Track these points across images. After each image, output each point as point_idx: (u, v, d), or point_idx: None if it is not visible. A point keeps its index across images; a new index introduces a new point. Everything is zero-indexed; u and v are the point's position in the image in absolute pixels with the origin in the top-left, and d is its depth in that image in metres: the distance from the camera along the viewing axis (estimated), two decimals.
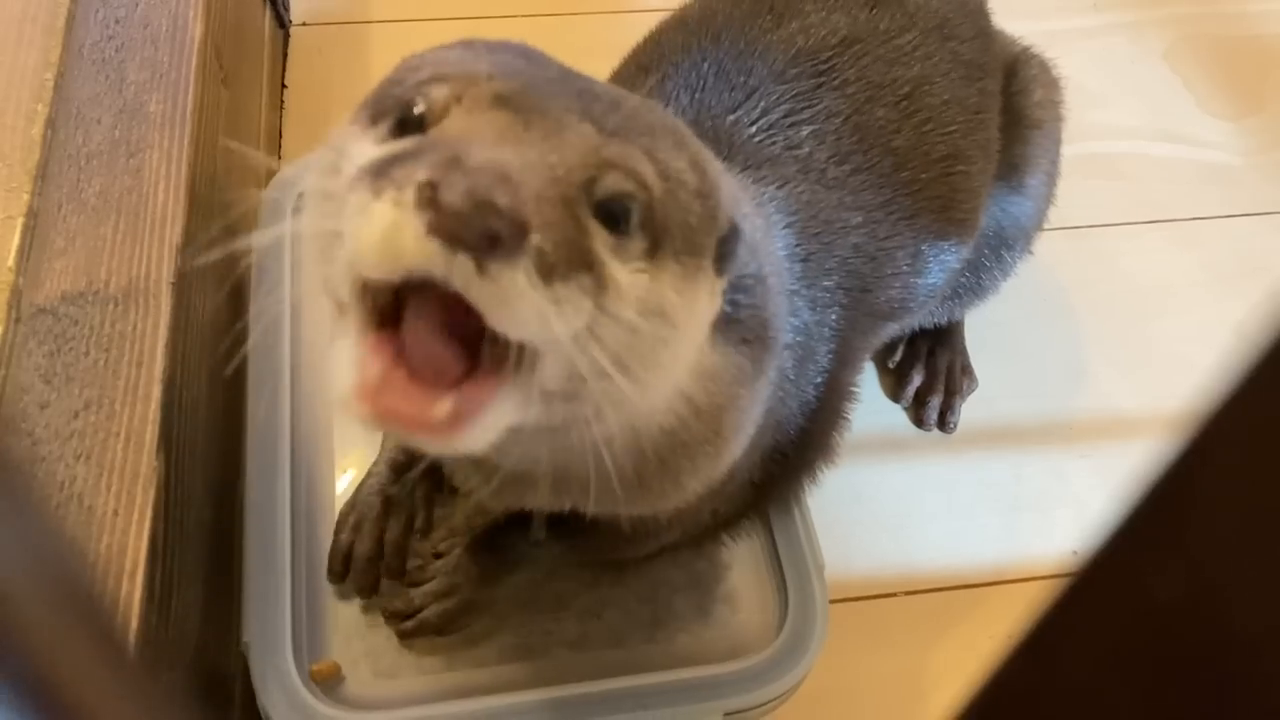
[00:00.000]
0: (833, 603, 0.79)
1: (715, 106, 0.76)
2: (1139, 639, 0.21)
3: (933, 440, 1.06)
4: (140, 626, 0.60)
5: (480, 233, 0.41)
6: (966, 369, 1.08)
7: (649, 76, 0.78)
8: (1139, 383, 1.11)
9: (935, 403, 1.06)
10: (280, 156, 1.18)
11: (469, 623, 0.76)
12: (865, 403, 0.87)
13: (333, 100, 1.23)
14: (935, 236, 0.83)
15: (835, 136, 0.77)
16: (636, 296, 0.48)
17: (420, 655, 0.75)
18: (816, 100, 0.77)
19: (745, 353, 0.62)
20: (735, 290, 0.60)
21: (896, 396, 1.08)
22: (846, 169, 0.77)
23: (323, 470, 0.81)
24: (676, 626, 0.78)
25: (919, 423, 1.07)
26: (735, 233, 0.56)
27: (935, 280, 0.87)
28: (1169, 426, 0.20)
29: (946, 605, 0.96)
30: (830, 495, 0.84)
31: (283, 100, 1.24)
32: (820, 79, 0.78)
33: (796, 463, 0.78)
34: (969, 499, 1.03)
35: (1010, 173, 0.93)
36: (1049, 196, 1.00)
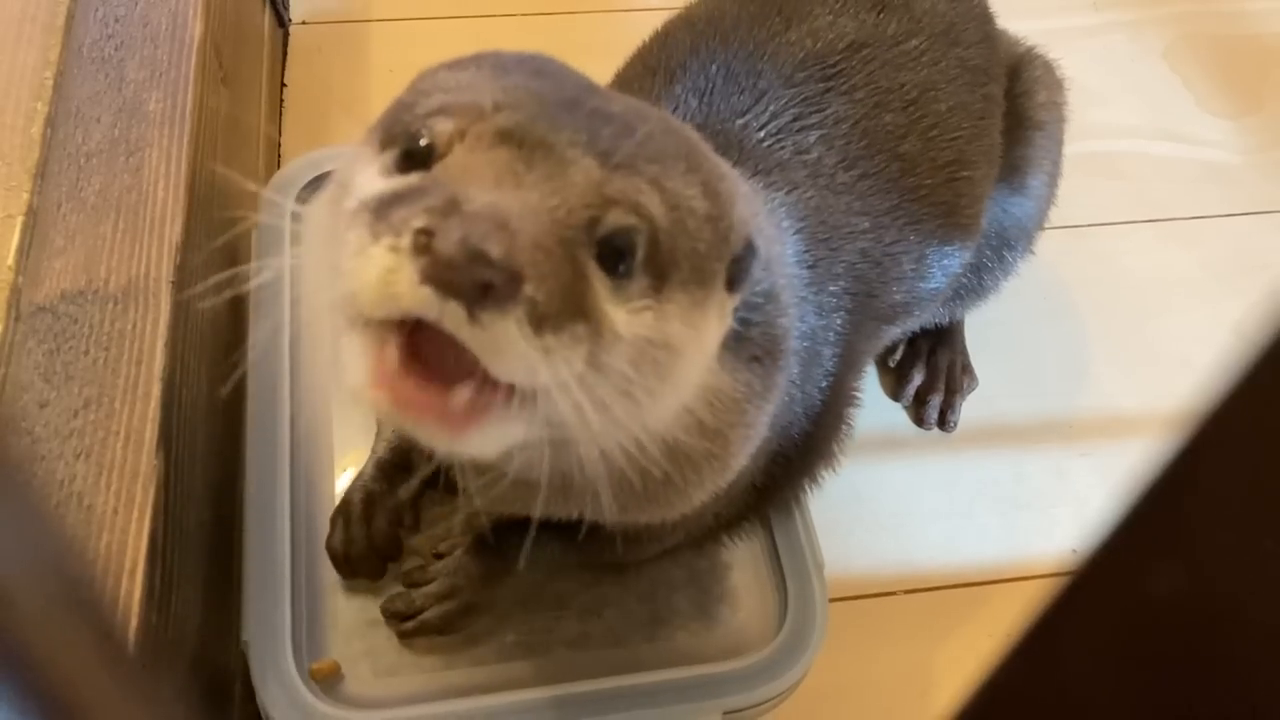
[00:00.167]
0: (832, 601, 0.79)
1: (724, 110, 0.76)
2: (1138, 637, 0.21)
3: (933, 439, 1.06)
4: (140, 625, 0.60)
5: (472, 282, 0.41)
6: (967, 368, 1.08)
7: (656, 78, 0.78)
8: (1139, 381, 1.11)
9: (935, 402, 1.06)
10: (280, 155, 1.18)
11: (470, 624, 0.76)
12: (866, 402, 0.87)
13: (332, 99, 1.23)
14: (939, 241, 0.84)
15: (843, 141, 0.77)
16: (637, 336, 0.48)
17: (420, 654, 0.75)
18: (825, 105, 0.77)
19: (755, 370, 0.62)
20: (747, 308, 0.60)
21: (897, 395, 1.08)
22: (854, 174, 0.78)
23: (322, 469, 0.81)
24: (676, 625, 0.78)
25: (919, 422, 1.07)
26: (750, 251, 0.56)
27: (938, 284, 0.87)
28: (1169, 425, 0.20)
29: (946, 604, 0.96)
30: (830, 494, 0.84)
31: (282, 99, 1.24)
32: (828, 83, 0.78)
33: (799, 466, 0.78)
34: (969, 498, 1.03)
35: (1012, 173, 0.93)
36: (1050, 197, 1.00)
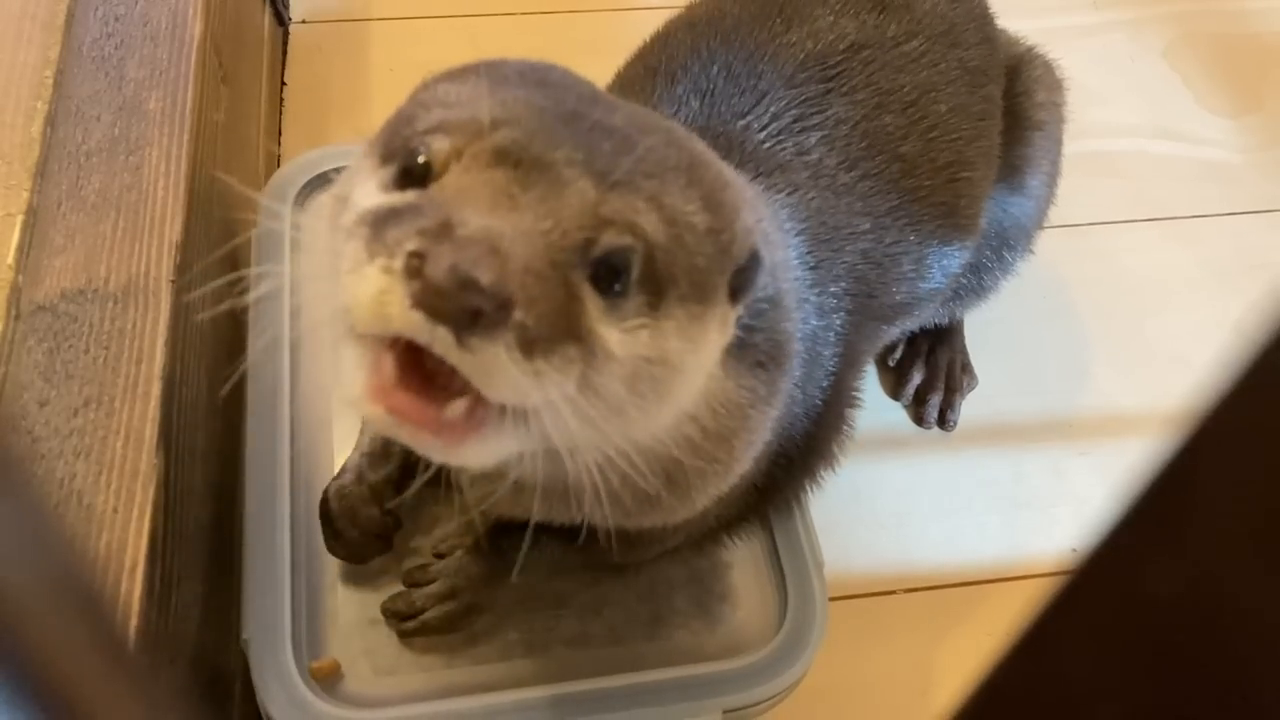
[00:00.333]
0: (832, 600, 0.79)
1: (725, 112, 0.76)
2: (1137, 636, 0.21)
3: (932, 438, 1.06)
4: (140, 624, 0.60)
5: (461, 309, 0.42)
6: (966, 367, 1.08)
7: (657, 79, 0.78)
8: (1138, 380, 1.11)
9: (935, 401, 1.06)
10: (280, 154, 1.18)
11: (470, 623, 0.76)
12: (866, 401, 0.87)
13: (332, 98, 1.23)
14: (939, 242, 0.84)
15: (844, 142, 0.77)
16: (631, 355, 0.49)
17: (420, 653, 0.75)
18: (826, 106, 0.77)
19: (759, 376, 0.62)
20: (751, 314, 0.60)
21: (897, 395, 1.08)
22: (855, 175, 0.78)
23: (322, 468, 0.81)
24: (676, 624, 0.78)
25: (919, 421, 1.07)
26: (755, 261, 0.55)
27: (938, 284, 0.87)
28: (1168, 424, 0.20)
29: (946, 603, 0.96)
30: (830, 493, 0.84)
31: (282, 98, 1.24)
32: (829, 84, 0.78)
33: (800, 466, 0.78)
34: (969, 496, 1.03)
35: (1012, 173, 0.93)
36: (1050, 197, 1.00)
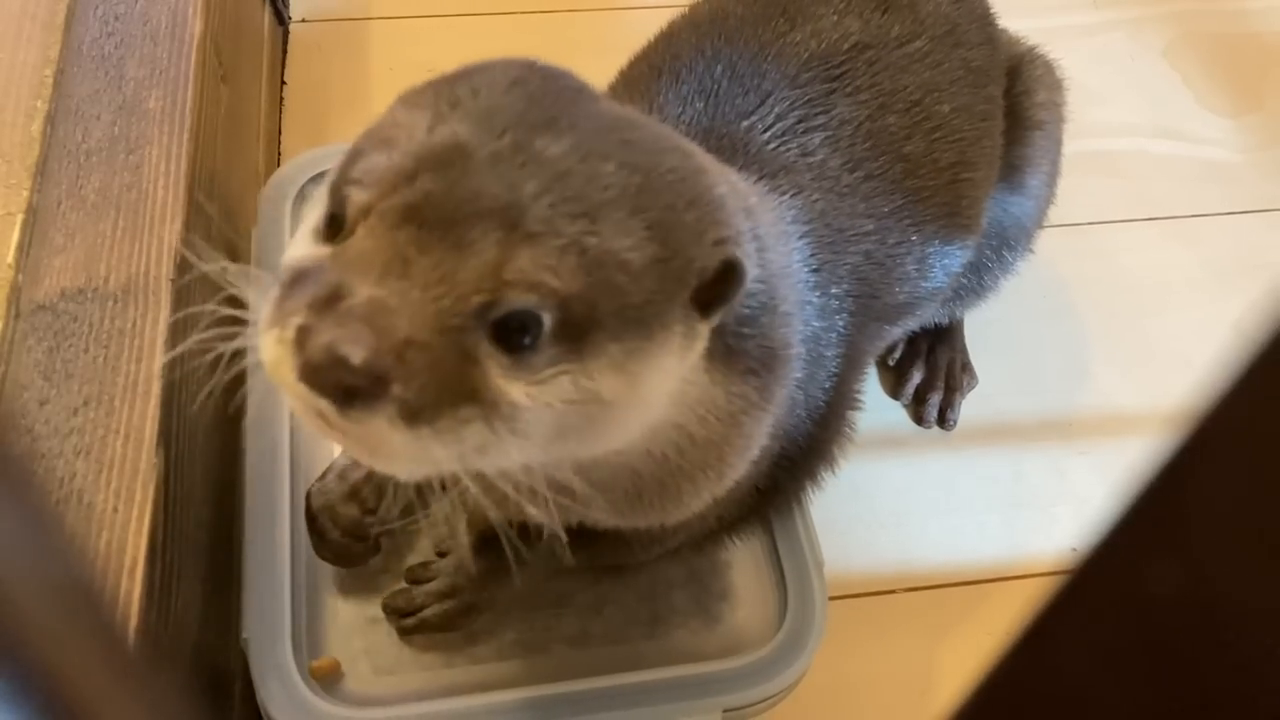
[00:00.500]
0: (832, 600, 0.79)
1: (729, 112, 0.75)
2: (1136, 636, 0.21)
3: (932, 437, 1.06)
4: (140, 623, 0.60)
5: (336, 385, 0.43)
6: (966, 366, 1.08)
7: (661, 78, 0.78)
8: (1138, 380, 1.11)
9: (935, 400, 1.06)
10: (280, 153, 1.18)
11: (470, 622, 0.76)
12: (866, 400, 0.87)
13: (332, 97, 1.23)
14: (941, 242, 0.84)
15: (848, 143, 0.77)
16: (550, 401, 0.48)
17: (420, 652, 0.75)
18: (830, 106, 0.77)
19: (752, 382, 0.61)
20: (740, 322, 0.59)
21: (896, 394, 1.08)
22: (859, 176, 0.77)
23: (322, 467, 0.81)
24: (676, 623, 0.78)
25: (919, 420, 1.07)
26: (733, 274, 0.53)
27: (940, 283, 0.87)
28: (1168, 423, 0.20)
29: (946, 602, 0.96)
30: (830, 492, 0.84)
31: (282, 97, 1.24)
32: (833, 84, 0.78)
33: (802, 468, 0.78)
34: (968, 496, 1.03)
35: (1012, 173, 0.93)
36: (1050, 196, 1.00)
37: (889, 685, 0.92)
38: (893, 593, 0.96)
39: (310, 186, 0.90)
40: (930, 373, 1.07)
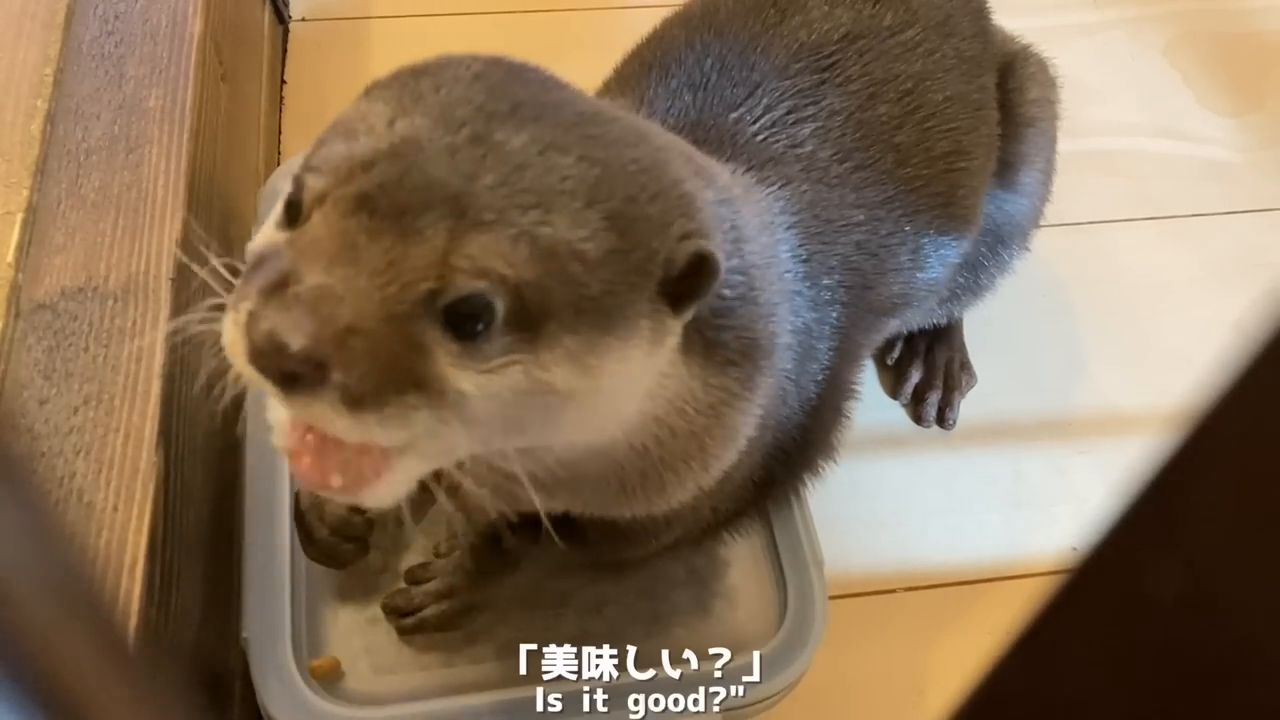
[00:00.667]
0: (832, 599, 0.79)
1: (718, 105, 0.75)
2: (1137, 635, 0.21)
3: (932, 437, 1.06)
4: (140, 622, 0.60)
5: (278, 371, 0.44)
6: (965, 365, 1.08)
7: (652, 73, 0.78)
8: (1138, 379, 1.11)
9: (934, 399, 1.06)
10: (280, 152, 1.18)
11: (469, 622, 0.76)
12: (864, 399, 0.87)
13: (332, 96, 1.23)
14: (936, 232, 0.83)
15: (838, 134, 0.77)
16: (500, 390, 0.48)
17: (420, 651, 0.75)
18: (820, 97, 0.77)
19: (733, 374, 0.61)
20: (717, 315, 0.59)
21: (895, 393, 1.08)
22: (849, 166, 0.77)
23: None
24: (676, 622, 0.78)
25: (918, 419, 1.07)
26: (703, 268, 0.53)
27: (936, 274, 0.87)
28: (1167, 423, 0.20)
29: (946, 601, 0.96)
30: (830, 491, 0.84)
31: (282, 96, 1.24)
32: (823, 74, 0.77)
33: (798, 460, 0.78)
34: (968, 495, 1.03)
35: (1006, 170, 0.93)
36: (1045, 194, 1.00)
37: (889, 684, 0.92)
38: (892, 592, 0.96)
39: None
40: (929, 372, 1.07)
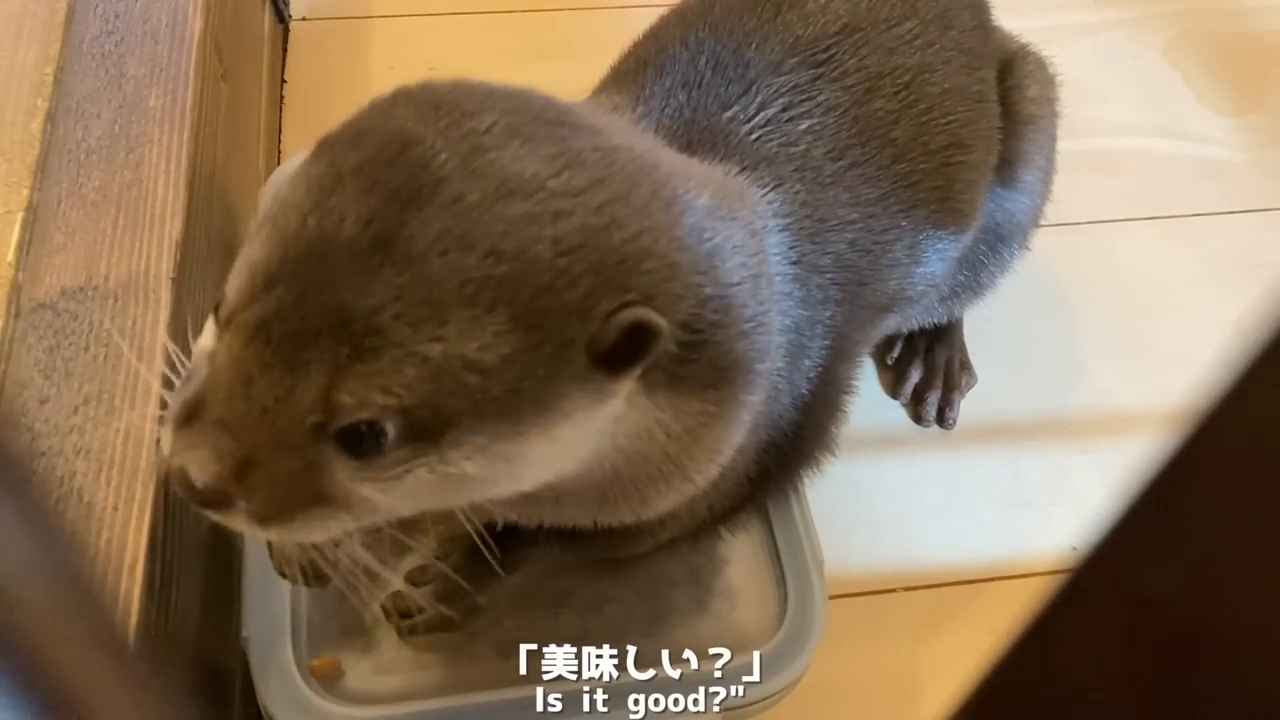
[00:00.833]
0: (832, 598, 0.79)
1: (712, 104, 0.74)
2: (1136, 635, 0.21)
3: (931, 436, 1.06)
4: (140, 621, 0.60)
5: (192, 495, 0.49)
6: (965, 365, 1.08)
7: (647, 71, 0.78)
8: (1138, 379, 1.11)
9: (934, 399, 1.06)
10: (280, 151, 1.18)
11: (470, 622, 0.76)
12: (863, 399, 0.87)
13: (332, 96, 1.23)
14: (934, 227, 0.83)
15: (834, 130, 0.76)
16: (412, 490, 0.50)
17: (420, 651, 0.75)
18: (815, 93, 0.76)
19: (710, 397, 0.60)
20: (686, 350, 0.57)
21: (895, 393, 1.08)
22: (843, 164, 0.77)
23: None
24: (675, 621, 0.78)
25: (918, 419, 1.07)
26: (645, 334, 0.51)
27: (934, 270, 0.86)
28: (1168, 422, 0.20)
29: (946, 601, 0.96)
30: (829, 491, 0.84)
31: (282, 95, 1.24)
32: (819, 69, 0.77)
33: (793, 456, 0.77)
34: (968, 495, 1.03)
35: (1005, 168, 0.93)
36: (1045, 193, 1.00)
37: (889, 684, 0.92)
38: (892, 592, 0.96)
39: None
40: (929, 371, 1.07)
